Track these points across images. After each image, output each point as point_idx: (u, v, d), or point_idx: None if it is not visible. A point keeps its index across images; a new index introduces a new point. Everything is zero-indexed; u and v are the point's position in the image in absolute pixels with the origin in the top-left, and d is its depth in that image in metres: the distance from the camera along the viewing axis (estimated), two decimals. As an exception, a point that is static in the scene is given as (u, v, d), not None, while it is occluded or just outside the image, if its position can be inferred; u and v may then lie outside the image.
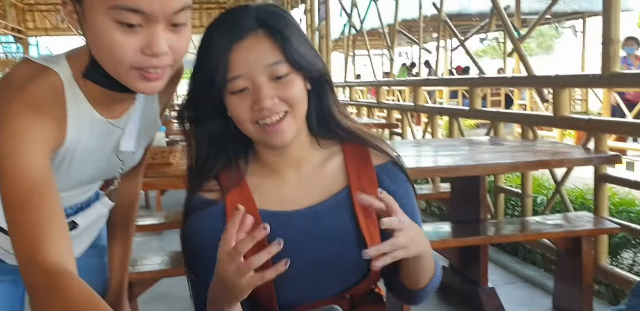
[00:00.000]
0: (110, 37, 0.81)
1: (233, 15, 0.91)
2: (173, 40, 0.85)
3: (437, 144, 2.97)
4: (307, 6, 7.59)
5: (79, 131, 0.95)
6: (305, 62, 0.91)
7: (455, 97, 10.83)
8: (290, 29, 0.91)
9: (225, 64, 0.87)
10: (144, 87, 0.87)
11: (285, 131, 0.91)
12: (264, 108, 0.88)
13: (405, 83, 5.34)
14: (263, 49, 0.88)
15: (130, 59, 0.83)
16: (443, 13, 4.00)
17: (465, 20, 10.95)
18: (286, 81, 0.89)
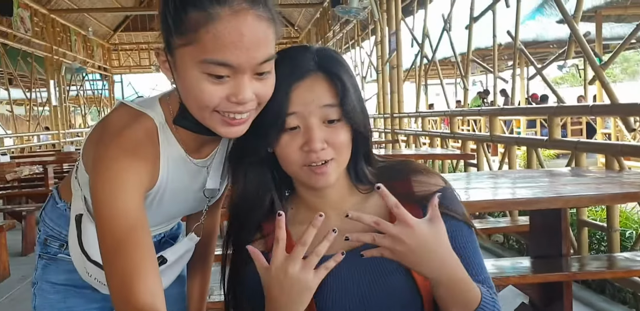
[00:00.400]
0: (199, 87, 0.87)
1: (294, 56, 0.93)
2: (258, 88, 0.89)
3: (515, 175, 2.86)
4: (378, 38, 7.66)
5: (170, 172, 1.01)
6: (356, 110, 0.92)
7: (533, 127, 10.49)
8: (346, 76, 0.92)
9: (284, 102, 0.89)
10: (227, 131, 0.92)
11: (330, 174, 0.92)
12: (314, 150, 0.89)
13: (480, 113, 5.22)
14: (320, 90, 0.90)
15: (215, 105, 0.88)
16: (519, 41, 3.91)
17: (542, 47, 10.68)
18: (336, 127, 0.91)
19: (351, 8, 6.81)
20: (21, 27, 10.33)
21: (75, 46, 13.66)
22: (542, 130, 9.96)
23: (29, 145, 11.21)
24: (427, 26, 5.98)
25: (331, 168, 0.91)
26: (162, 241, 1.26)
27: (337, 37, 11.38)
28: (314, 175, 0.91)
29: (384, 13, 7.16)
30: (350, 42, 10.45)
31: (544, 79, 3.82)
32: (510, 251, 3.96)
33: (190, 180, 1.07)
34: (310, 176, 0.92)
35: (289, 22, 17.10)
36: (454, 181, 2.75)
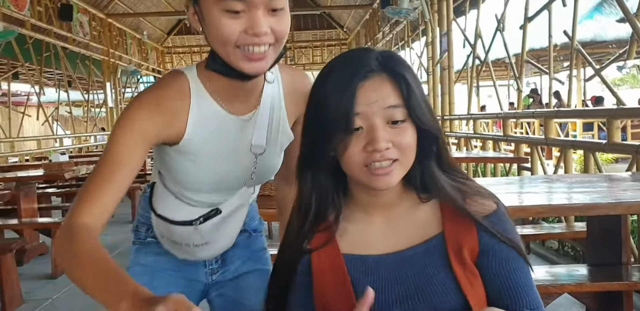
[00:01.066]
0: (220, 23, 0.99)
1: (357, 56, 0.91)
2: (273, 23, 1.00)
3: (571, 180, 2.76)
4: (429, 39, 7.56)
5: (205, 129, 1.10)
6: (422, 111, 0.89)
7: (590, 130, 10.14)
8: (410, 76, 0.90)
9: (350, 102, 0.86)
10: (249, 67, 1.02)
11: (393, 176, 0.89)
12: (378, 150, 0.86)
13: (534, 115, 5.08)
14: (385, 91, 0.87)
15: (235, 39, 0.99)
16: (576, 41, 3.78)
17: (600, 47, 10.32)
18: (401, 127, 0.88)
19: (401, 9, 6.76)
20: (80, 32, 10.70)
21: (131, 49, 14.06)
22: (600, 133, 9.62)
23: (86, 145, 11.59)
24: (479, 26, 5.85)
25: (395, 169, 0.88)
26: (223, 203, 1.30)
27: (387, 39, 11.32)
28: (375, 176, 0.88)
29: (434, 14, 7.06)
30: (400, 43, 10.36)
31: (602, 80, 3.68)
32: (566, 258, 3.84)
33: (234, 138, 1.14)
34: (371, 177, 0.88)
35: (338, 24, 17.14)
36: (507, 184, 2.69)
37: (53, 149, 10.05)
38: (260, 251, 1.43)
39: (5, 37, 7.15)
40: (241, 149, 1.16)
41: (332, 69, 0.91)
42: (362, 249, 0.94)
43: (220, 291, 1.38)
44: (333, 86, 0.88)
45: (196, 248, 1.26)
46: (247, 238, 1.40)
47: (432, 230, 0.93)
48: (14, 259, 3.86)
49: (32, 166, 6.93)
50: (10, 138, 8.65)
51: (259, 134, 1.16)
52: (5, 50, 8.31)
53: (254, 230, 1.43)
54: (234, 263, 1.38)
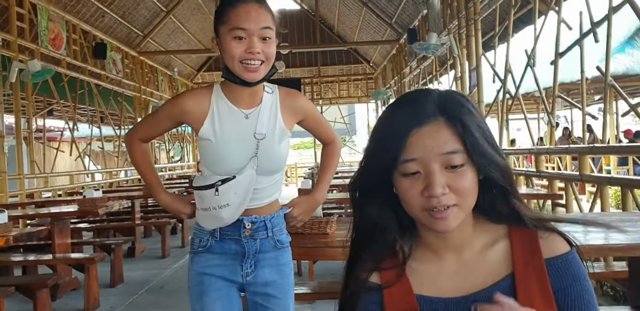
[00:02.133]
0: (230, 46, 1.58)
1: (415, 99, 0.91)
2: (263, 47, 1.58)
3: (610, 218, 2.70)
4: (457, 74, 7.57)
5: (221, 121, 1.65)
6: (483, 155, 0.88)
7: (625, 164, 9.92)
8: (471, 119, 0.89)
9: (401, 146, 0.87)
10: (247, 76, 1.59)
11: (451, 220, 0.88)
12: (434, 196, 0.86)
13: (568, 151, 5.01)
14: (442, 137, 0.87)
15: (239, 56, 1.57)
16: (609, 77, 3.76)
17: (632, 81, 10.21)
18: (459, 172, 0.87)
19: (429, 45, 6.81)
20: (113, 69, 11.02)
21: (162, 86, 14.39)
22: (636, 168, 9.42)
23: (116, 180, 11.75)
24: (509, 61, 5.85)
25: (452, 213, 0.87)
26: (258, 226, 1.73)
27: (414, 73, 11.37)
28: (434, 220, 0.88)
29: (463, 49, 7.09)
30: (427, 77, 10.40)
31: (638, 115, 3.63)
32: (605, 298, 3.71)
33: (240, 126, 1.65)
34: (430, 220, 0.88)
35: (364, 59, 17.33)
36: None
37: (85, 184, 10.21)
38: (284, 265, 1.79)
39: (43, 76, 7.38)
40: (247, 135, 1.65)
41: (391, 112, 0.92)
42: (432, 291, 0.93)
43: (253, 292, 1.76)
44: (391, 130, 0.89)
45: (221, 210, 1.65)
46: (274, 248, 1.76)
47: (503, 271, 0.91)
48: (49, 294, 3.89)
49: (65, 202, 7.03)
50: (44, 173, 8.82)
51: (261, 124, 1.66)
52: (42, 88, 8.57)
53: (280, 241, 1.78)
54: (264, 270, 1.75)
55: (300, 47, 15.78)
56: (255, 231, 1.74)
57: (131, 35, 11.90)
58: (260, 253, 1.75)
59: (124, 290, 5.03)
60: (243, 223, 1.72)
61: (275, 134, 1.69)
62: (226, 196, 1.65)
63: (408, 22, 11.13)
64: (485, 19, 6.91)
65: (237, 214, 1.69)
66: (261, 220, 1.74)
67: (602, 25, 3.91)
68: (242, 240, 1.73)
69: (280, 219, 1.81)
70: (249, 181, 1.66)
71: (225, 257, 1.74)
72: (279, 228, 1.79)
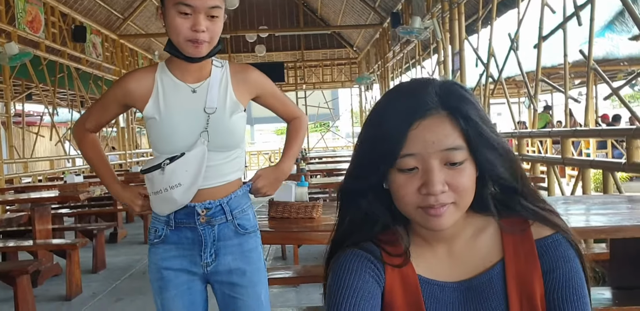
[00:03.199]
0: (174, 21, 1.52)
1: (415, 90, 0.86)
2: (209, 25, 1.52)
3: (592, 201, 2.73)
4: (440, 58, 7.56)
5: (167, 96, 1.60)
6: (489, 150, 0.84)
7: (604, 148, 10.05)
8: (474, 112, 0.84)
9: (401, 140, 0.82)
10: (193, 51, 1.54)
11: (446, 219, 0.84)
12: (432, 193, 0.82)
13: (551, 134, 5.05)
14: (443, 131, 0.82)
15: (184, 34, 1.52)
16: (592, 60, 3.77)
17: (612, 65, 10.31)
18: (459, 169, 0.83)
19: (413, 28, 6.78)
20: (93, 52, 10.83)
21: (143, 69, 14.19)
22: (614, 151, 9.54)
23: (98, 165, 11.60)
24: (492, 45, 5.85)
25: (448, 211, 0.84)
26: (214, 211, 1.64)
27: (397, 58, 11.36)
28: (429, 217, 0.84)
29: (446, 33, 7.08)
30: (410, 61, 10.39)
31: (620, 99, 3.66)
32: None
33: (187, 101, 1.59)
34: (425, 218, 0.85)
35: (348, 43, 17.23)
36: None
37: (66, 169, 10.09)
38: (250, 251, 1.69)
39: (20, 59, 7.23)
40: (196, 110, 1.59)
41: (389, 103, 0.87)
42: (429, 273, 0.91)
43: (218, 282, 1.68)
44: (388, 123, 0.84)
45: (172, 191, 1.57)
46: (235, 234, 1.66)
47: (494, 258, 0.90)
48: (30, 281, 3.86)
49: (46, 187, 6.95)
50: (23, 159, 8.70)
51: (211, 98, 1.59)
52: (20, 72, 8.41)
53: (241, 226, 1.67)
54: (226, 257, 1.66)
55: (283, 31, 15.65)
56: (212, 216, 1.64)
57: (111, 18, 11.70)
58: (220, 241, 1.65)
59: (107, 275, 5.01)
60: (195, 210, 1.63)
61: (226, 107, 1.62)
62: (176, 175, 1.57)
63: (391, 6, 11.07)
64: (469, 2, 6.89)
65: (190, 194, 1.60)
66: (217, 205, 1.64)
67: (586, 8, 3.91)
68: (198, 228, 1.63)
69: (241, 200, 1.70)
70: (200, 158, 1.58)
71: (183, 247, 1.65)
72: (240, 209, 1.68)
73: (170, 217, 1.64)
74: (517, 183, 0.89)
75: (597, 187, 5.89)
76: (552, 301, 0.86)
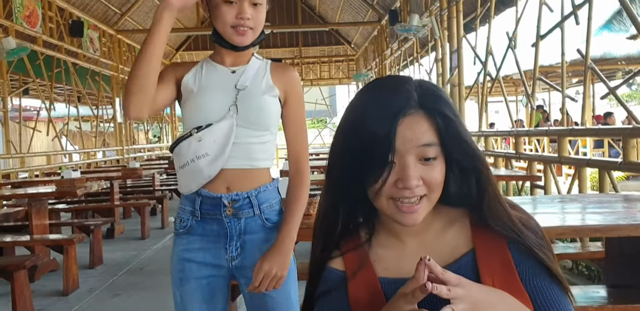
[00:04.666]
0: (219, 9, 1.55)
1: (395, 88, 0.90)
2: (253, 13, 1.56)
3: (588, 200, 2.75)
4: (438, 55, 7.57)
5: (204, 72, 1.65)
6: (462, 146, 0.88)
7: (601, 147, 10.10)
8: (449, 112, 0.88)
9: (391, 141, 0.85)
10: (237, 39, 1.58)
11: (419, 214, 0.89)
12: (408, 187, 0.86)
13: (548, 133, 5.07)
14: (420, 129, 0.87)
15: (230, 21, 1.55)
16: (589, 59, 3.78)
17: (609, 64, 10.34)
18: (432, 164, 0.88)
19: (411, 26, 6.78)
20: (90, 48, 10.81)
21: (140, 65, 14.15)
22: (611, 150, 9.58)
23: (94, 161, 11.62)
24: (490, 44, 5.87)
25: (421, 208, 0.89)
26: (242, 203, 1.60)
27: (395, 55, 11.35)
28: (401, 213, 0.88)
29: (444, 31, 7.08)
30: (408, 59, 10.39)
31: (617, 98, 3.68)
32: (580, 278, 3.79)
33: (223, 80, 1.64)
34: (397, 212, 0.89)
35: (346, 40, 17.23)
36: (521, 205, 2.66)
37: (62, 164, 10.08)
38: None
39: (17, 54, 7.21)
40: (228, 87, 1.62)
41: (368, 101, 0.90)
42: (396, 273, 0.94)
43: (245, 277, 1.62)
44: (371, 120, 0.87)
45: (200, 161, 1.57)
46: (262, 228, 1.63)
47: (463, 249, 0.93)
48: (27, 276, 3.86)
49: (43, 182, 6.94)
50: (20, 154, 8.69)
51: (245, 78, 1.63)
52: (17, 66, 8.39)
53: (269, 220, 1.64)
54: (253, 252, 1.61)
55: (282, 28, 15.62)
56: (239, 209, 1.61)
57: (108, 13, 11.67)
58: (247, 234, 1.62)
59: (104, 271, 5.01)
60: (222, 201, 1.60)
61: (260, 87, 1.63)
62: (204, 145, 1.57)
63: (389, 3, 11.07)
64: (467, 0, 6.89)
65: (217, 166, 1.58)
66: (244, 197, 1.61)
67: (584, 7, 3.92)
68: (224, 220, 1.61)
69: (270, 194, 1.66)
70: (228, 129, 1.58)
71: (207, 239, 1.63)
72: (269, 204, 1.65)
73: (195, 207, 1.62)
74: (480, 175, 0.92)
75: (594, 186, 5.93)
76: (532, 289, 0.88)
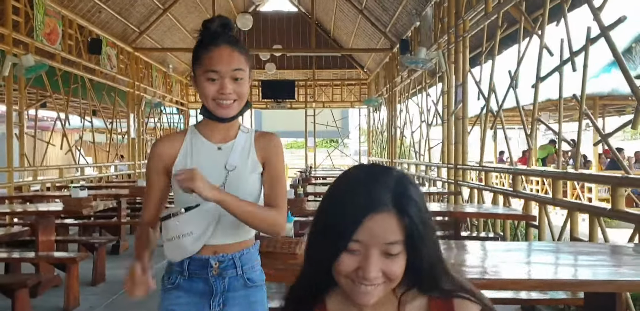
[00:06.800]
0: (203, 86, 1.67)
1: (375, 182, 0.96)
2: (235, 87, 1.67)
3: (571, 250, 2.83)
4: (445, 88, 7.67)
5: (193, 151, 1.74)
6: (421, 248, 0.95)
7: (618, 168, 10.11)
8: (418, 215, 0.95)
9: (354, 228, 0.93)
10: (221, 112, 1.69)
11: (374, 297, 0.96)
12: (367, 279, 0.93)
13: (543, 174, 5.15)
14: (389, 227, 0.93)
15: (213, 96, 1.67)
16: (584, 106, 3.88)
17: (619, 99, 10.38)
18: (395, 259, 0.94)
19: (418, 59, 6.90)
20: (107, 64, 11.05)
21: (156, 82, 14.42)
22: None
23: (106, 175, 11.78)
24: (493, 81, 5.95)
25: (377, 291, 0.95)
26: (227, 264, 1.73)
27: (405, 83, 11.48)
28: (358, 293, 0.95)
29: (451, 64, 7.19)
30: (417, 87, 10.51)
31: (609, 145, 3.75)
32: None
33: (212, 159, 1.72)
34: (354, 292, 0.96)
35: (359, 64, 17.41)
36: (506, 252, 2.75)
37: (74, 178, 10.25)
38: (255, 303, 1.77)
39: (36, 71, 7.43)
40: (218, 166, 1.71)
41: (346, 193, 0.97)
42: None
43: None
44: (344, 212, 0.95)
45: (184, 239, 1.68)
46: (244, 287, 1.75)
47: None
48: (28, 294, 3.98)
49: (53, 197, 7.10)
50: (33, 166, 8.87)
51: (234, 156, 1.73)
52: (36, 81, 8.60)
53: (250, 280, 1.77)
54: (233, 308, 1.73)
55: (296, 51, 15.88)
56: (224, 269, 1.74)
57: (127, 31, 11.94)
58: (229, 292, 1.74)
59: (105, 289, 5.11)
60: (210, 263, 1.72)
61: (247, 166, 1.73)
62: (189, 224, 1.67)
63: (402, 32, 11.22)
64: (475, 34, 7.02)
65: (200, 243, 1.70)
66: (229, 258, 1.74)
67: (581, 54, 4.03)
68: (210, 279, 1.73)
69: (252, 256, 1.80)
70: (215, 209, 1.66)
71: (194, 295, 1.75)
72: (250, 265, 1.78)
73: (184, 267, 1.74)
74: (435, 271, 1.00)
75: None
76: None
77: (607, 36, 3.59)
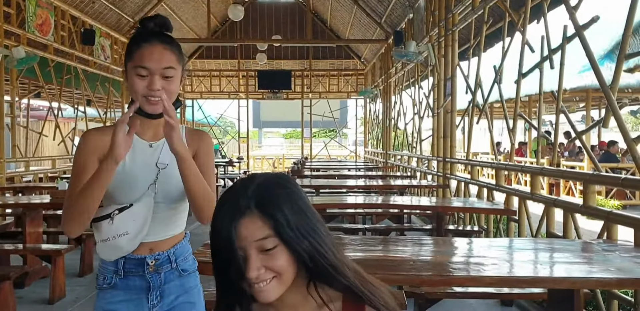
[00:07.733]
0: (133, 81, 1.65)
1: (235, 193, 1.05)
2: (164, 84, 1.65)
3: (543, 246, 2.88)
4: (435, 81, 7.71)
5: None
6: (295, 236, 1.01)
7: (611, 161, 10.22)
8: (285, 204, 1.02)
9: (232, 239, 1.01)
10: (149, 108, 1.66)
11: (270, 292, 1.03)
12: (251, 278, 1.00)
13: (523, 170, 5.20)
14: (254, 227, 1.01)
15: (141, 92, 1.64)
16: (561, 103, 3.90)
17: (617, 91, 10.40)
18: (274, 252, 1.01)
19: (408, 52, 6.92)
20: (101, 55, 11.06)
21: (151, 72, 14.37)
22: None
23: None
24: (479, 76, 6.00)
25: (271, 287, 1.02)
26: (162, 261, 1.77)
27: (399, 75, 11.49)
28: (256, 293, 1.03)
29: (441, 58, 7.21)
30: (410, 80, 10.53)
31: (582, 143, 3.79)
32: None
33: (145, 156, 1.73)
34: (254, 293, 1.03)
35: (356, 55, 17.39)
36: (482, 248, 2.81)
37: (67, 168, 10.30)
38: (191, 288, 1.85)
39: (27, 63, 7.46)
40: (150, 164, 1.72)
41: (219, 209, 1.05)
42: None
43: None
44: (219, 225, 1.03)
45: (120, 239, 1.69)
46: (178, 277, 1.81)
47: None
48: (12, 286, 4.04)
49: (43, 188, 7.15)
50: (25, 158, 8.93)
51: (164, 155, 1.73)
52: (28, 71, 8.60)
53: (184, 270, 1.83)
54: (170, 297, 1.79)
55: (292, 42, 15.85)
56: (160, 265, 1.78)
57: (121, 22, 11.92)
58: (165, 284, 1.79)
59: (92, 280, 5.15)
60: (146, 261, 1.76)
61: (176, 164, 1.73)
62: (124, 225, 1.69)
63: (397, 23, 11.21)
64: (463, 30, 7.04)
65: (136, 242, 1.72)
66: (165, 255, 1.79)
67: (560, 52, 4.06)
68: (147, 276, 1.77)
69: (184, 248, 1.85)
70: (147, 209, 1.71)
71: (131, 292, 1.77)
72: (183, 257, 1.84)
73: (119, 267, 1.76)
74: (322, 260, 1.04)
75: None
76: None
77: (581, 35, 3.60)
